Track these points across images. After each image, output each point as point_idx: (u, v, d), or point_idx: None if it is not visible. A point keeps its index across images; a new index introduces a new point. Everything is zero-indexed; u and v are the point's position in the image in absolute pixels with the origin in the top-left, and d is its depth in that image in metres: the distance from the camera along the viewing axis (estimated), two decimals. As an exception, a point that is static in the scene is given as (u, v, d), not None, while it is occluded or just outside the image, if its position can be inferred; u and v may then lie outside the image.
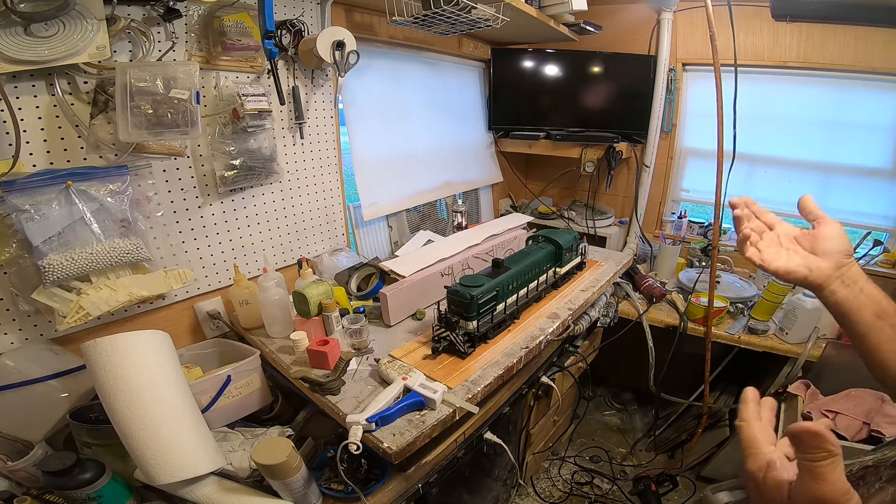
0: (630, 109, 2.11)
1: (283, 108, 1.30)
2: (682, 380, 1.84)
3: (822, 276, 0.60)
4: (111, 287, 0.97)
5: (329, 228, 1.56)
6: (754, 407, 0.51)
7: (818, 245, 0.62)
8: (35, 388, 0.88)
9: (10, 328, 0.92)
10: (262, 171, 1.23)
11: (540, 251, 1.36)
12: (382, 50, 1.66)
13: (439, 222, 2.08)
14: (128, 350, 0.80)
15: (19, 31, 0.79)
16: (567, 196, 2.54)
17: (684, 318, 1.74)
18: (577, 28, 1.92)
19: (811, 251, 0.62)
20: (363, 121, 1.64)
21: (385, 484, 0.91)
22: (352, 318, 1.11)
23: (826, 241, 0.61)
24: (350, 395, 0.97)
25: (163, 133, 0.96)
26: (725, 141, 1.50)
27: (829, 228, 0.62)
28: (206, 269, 1.23)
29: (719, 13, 1.44)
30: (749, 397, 0.52)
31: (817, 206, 0.65)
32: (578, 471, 1.98)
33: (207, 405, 0.96)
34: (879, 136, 1.81)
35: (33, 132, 0.89)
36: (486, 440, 1.15)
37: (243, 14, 1.11)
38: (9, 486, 0.81)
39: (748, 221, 0.67)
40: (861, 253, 1.79)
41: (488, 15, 1.35)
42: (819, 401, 1.32)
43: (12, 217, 0.83)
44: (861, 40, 1.69)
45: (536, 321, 1.27)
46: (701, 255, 2.07)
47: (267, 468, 0.78)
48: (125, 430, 0.76)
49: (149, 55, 0.99)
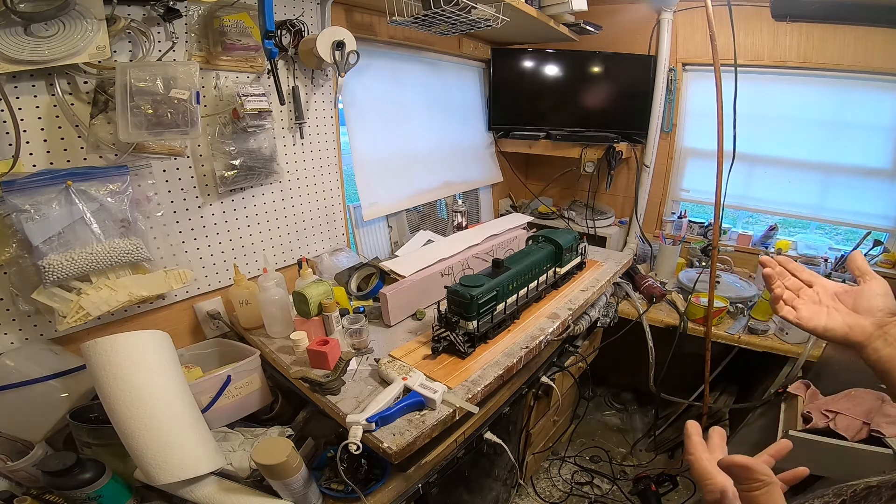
0: (630, 109, 2.11)
1: (283, 108, 1.30)
2: (682, 380, 1.84)
3: (863, 334, 0.57)
4: (111, 287, 0.97)
5: (329, 228, 1.56)
6: (699, 440, 0.54)
7: (861, 302, 0.59)
8: (35, 388, 0.88)
9: (10, 328, 0.92)
10: (262, 171, 1.23)
11: (540, 251, 1.36)
12: (382, 50, 1.66)
13: (439, 222, 2.08)
14: (128, 350, 0.80)
15: (19, 31, 0.79)
16: (567, 196, 2.54)
17: (684, 318, 1.74)
18: (577, 28, 1.92)
19: (853, 308, 0.59)
20: (363, 121, 1.64)
21: (385, 484, 0.91)
22: (352, 318, 1.11)
23: (870, 297, 0.58)
24: (350, 395, 0.97)
25: (163, 133, 0.96)
26: (725, 141, 1.50)
27: (875, 285, 0.59)
28: (206, 269, 1.23)
29: (719, 13, 1.44)
30: (691, 431, 0.54)
31: (866, 263, 0.62)
32: (578, 471, 1.98)
33: (207, 405, 0.96)
34: (879, 136, 1.81)
35: (33, 132, 0.88)
36: (486, 440, 1.15)
37: (243, 14, 1.11)
38: (9, 486, 0.81)
39: (782, 279, 0.65)
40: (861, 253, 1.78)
41: (488, 15, 1.35)
42: (819, 401, 1.32)
43: (12, 217, 0.83)
44: (861, 40, 1.69)
45: (536, 321, 1.27)
46: (701, 255, 2.07)
47: (267, 468, 0.78)
48: (125, 430, 0.76)
49: (149, 55, 0.99)
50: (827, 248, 2.01)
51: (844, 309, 0.60)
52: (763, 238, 2.10)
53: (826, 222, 2.08)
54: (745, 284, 1.87)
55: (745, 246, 2.12)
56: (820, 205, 2.00)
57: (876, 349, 0.56)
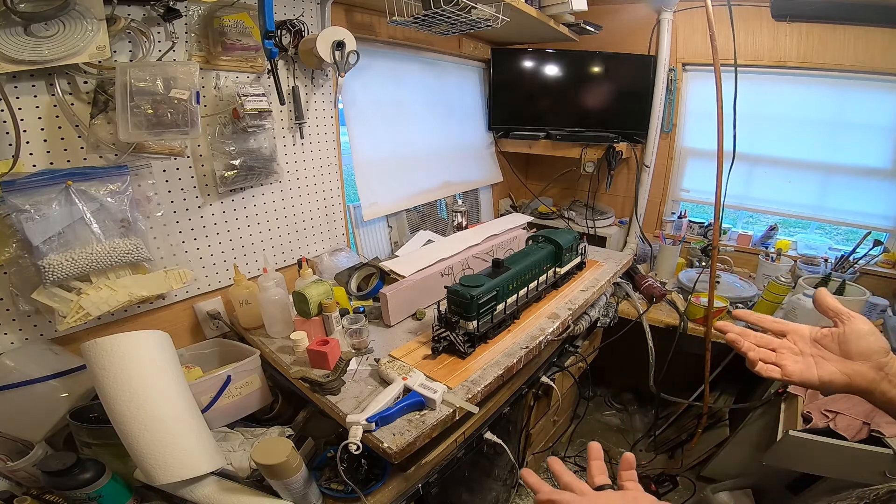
0: (630, 109, 2.11)
1: (283, 108, 1.30)
2: (682, 380, 1.84)
3: (865, 380, 0.54)
4: (111, 287, 0.97)
5: (329, 228, 1.56)
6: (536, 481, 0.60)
7: (851, 347, 0.55)
8: (35, 388, 0.88)
9: (10, 328, 0.92)
10: (262, 171, 1.23)
11: (540, 251, 1.36)
12: (382, 50, 1.66)
13: (439, 222, 2.08)
14: (128, 350, 0.80)
15: (19, 31, 0.79)
16: (567, 196, 2.54)
17: (684, 318, 1.74)
18: (577, 28, 1.92)
19: (843, 354, 0.56)
20: (363, 121, 1.64)
21: (385, 484, 0.91)
22: (352, 318, 1.11)
23: (858, 340, 0.55)
24: (350, 395, 0.97)
25: (163, 133, 0.96)
26: (725, 141, 1.50)
27: (859, 325, 0.55)
28: (206, 269, 1.23)
29: (719, 13, 1.44)
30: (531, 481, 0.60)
31: (836, 301, 0.58)
32: (578, 471, 1.97)
33: (207, 405, 0.96)
34: (879, 136, 1.81)
35: (33, 132, 0.88)
36: (486, 440, 1.15)
37: (243, 14, 1.11)
38: (9, 486, 0.81)
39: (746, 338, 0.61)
40: (861, 253, 1.78)
41: (488, 15, 1.35)
42: (819, 401, 1.32)
43: (12, 217, 0.83)
44: (861, 40, 1.69)
45: (536, 321, 1.27)
46: (701, 255, 2.07)
47: (267, 468, 0.78)
48: (125, 430, 0.76)
49: (149, 55, 0.99)
50: (827, 248, 2.01)
51: (833, 356, 0.56)
52: (763, 238, 2.10)
53: (826, 222, 2.08)
54: (745, 284, 1.87)
55: (745, 246, 2.12)
56: (820, 205, 2.00)
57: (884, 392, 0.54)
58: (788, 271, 1.81)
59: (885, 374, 0.53)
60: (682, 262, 2.09)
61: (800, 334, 0.60)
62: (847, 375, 0.55)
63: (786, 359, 0.58)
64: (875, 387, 0.54)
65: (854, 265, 1.78)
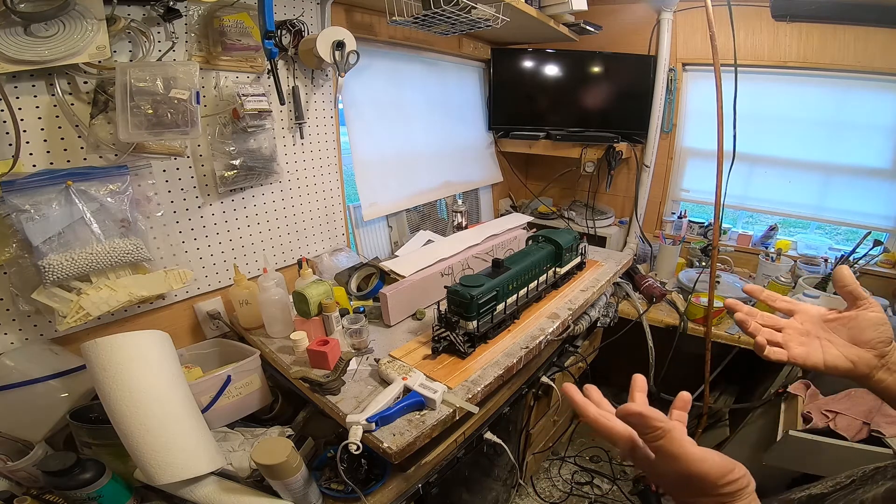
0: (630, 109, 2.11)
1: (283, 108, 1.30)
2: (682, 380, 1.83)
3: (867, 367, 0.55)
4: (111, 287, 0.97)
5: (329, 228, 1.56)
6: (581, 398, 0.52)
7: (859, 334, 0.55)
8: (35, 388, 0.88)
9: (10, 328, 0.92)
10: (262, 171, 1.23)
11: (540, 251, 1.36)
12: (382, 50, 1.66)
13: (439, 222, 2.08)
14: (128, 350, 0.80)
15: (19, 31, 0.79)
16: (567, 196, 2.54)
17: (684, 318, 1.74)
18: (577, 28, 1.92)
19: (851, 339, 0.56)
20: (363, 121, 1.64)
21: (385, 484, 0.91)
22: (352, 318, 1.11)
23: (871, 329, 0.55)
24: (350, 395, 0.97)
25: (163, 133, 0.96)
26: (725, 141, 1.50)
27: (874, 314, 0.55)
28: (206, 269, 1.23)
29: (719, 13, 1.44)
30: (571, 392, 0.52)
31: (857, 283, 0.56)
32: (578, 471, 1.97)
33: (207, 405, 0.96)
34: (879, 136, 1.81)
35: (33, 132, 0.88)
36: (486, 440, 1.15)
37: (243, 14, 1.11)
38: (9, 486, 0.81)
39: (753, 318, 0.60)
40: (861, 253, 1.78)
41: (488, 15, 1.35)
42: (819, 401, 1.32)
43: (12, 217, 0.83)
44: (861, 40, 1.69)
45: (536, 321, 1.27)
46: (701, 255, 2.07)
47: (267, 468, 0.78)
48: (125, 430, 0.76)
49: (149, 55, 0.99)
50: (827, 248, 2.02)
51: (840, 341, 0.56)
52: (763, 238, 2.10)
53: (826, 222, 2.08)
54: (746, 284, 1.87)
55: (745, 246, 2.12)
56: (820, 205, 2.00)
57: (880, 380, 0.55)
58: (788, 271, 1.81)
59: (884, 363, 0.54)
60: (682, 262, 2.09)
61: (808, 314, 0.60)
62: (851, 361, 0.55)
63: (792, 340, 0.58)
64: (874, 373, 0.55)
65: (854, 265, 1.78)
